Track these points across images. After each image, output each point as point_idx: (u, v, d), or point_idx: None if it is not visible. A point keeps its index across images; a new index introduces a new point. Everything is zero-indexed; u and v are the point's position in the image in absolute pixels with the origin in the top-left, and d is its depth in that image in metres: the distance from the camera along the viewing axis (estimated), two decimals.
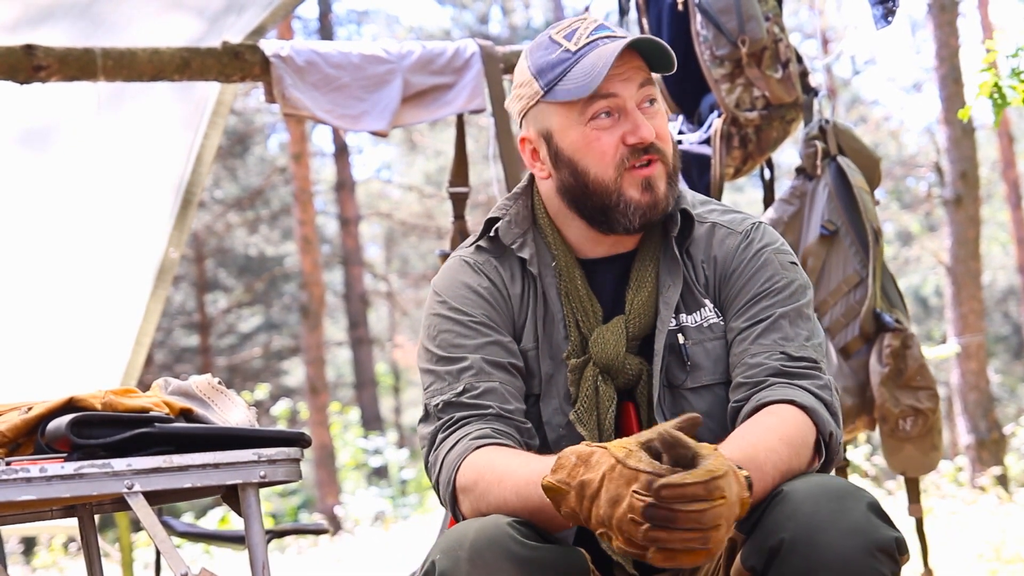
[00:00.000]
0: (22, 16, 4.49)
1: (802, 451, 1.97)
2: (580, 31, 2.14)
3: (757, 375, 2.07)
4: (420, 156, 23.92)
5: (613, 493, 1.73)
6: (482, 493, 1.97)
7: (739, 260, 2.17)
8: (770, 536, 1.84)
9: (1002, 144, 18.15)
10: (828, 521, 1.81)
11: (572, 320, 2.16)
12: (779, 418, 1.99)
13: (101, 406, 2.11)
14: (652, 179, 2.12)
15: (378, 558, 10.93)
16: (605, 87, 2.09)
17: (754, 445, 1.90)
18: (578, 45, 2.12)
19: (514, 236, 2.20)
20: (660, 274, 2.17)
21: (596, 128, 2.12)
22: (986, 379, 11.44)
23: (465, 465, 2.01)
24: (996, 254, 22.52)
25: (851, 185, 3.82)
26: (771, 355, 2.08)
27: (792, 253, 2.21)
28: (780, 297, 2.13)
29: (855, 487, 1.87)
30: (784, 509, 1.85)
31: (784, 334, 2.10)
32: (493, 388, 2.08)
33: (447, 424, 2.08)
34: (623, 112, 2.11)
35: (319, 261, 17.80)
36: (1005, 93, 3.49)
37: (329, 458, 16.80)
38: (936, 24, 11.46)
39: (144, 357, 5.46)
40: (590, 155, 2.13)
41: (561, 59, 2.13)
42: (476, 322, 2.14)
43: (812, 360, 2.09)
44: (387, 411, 23.86)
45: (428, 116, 4.49)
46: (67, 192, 5.14)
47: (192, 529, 5.19)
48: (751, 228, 2.20)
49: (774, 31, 3.81)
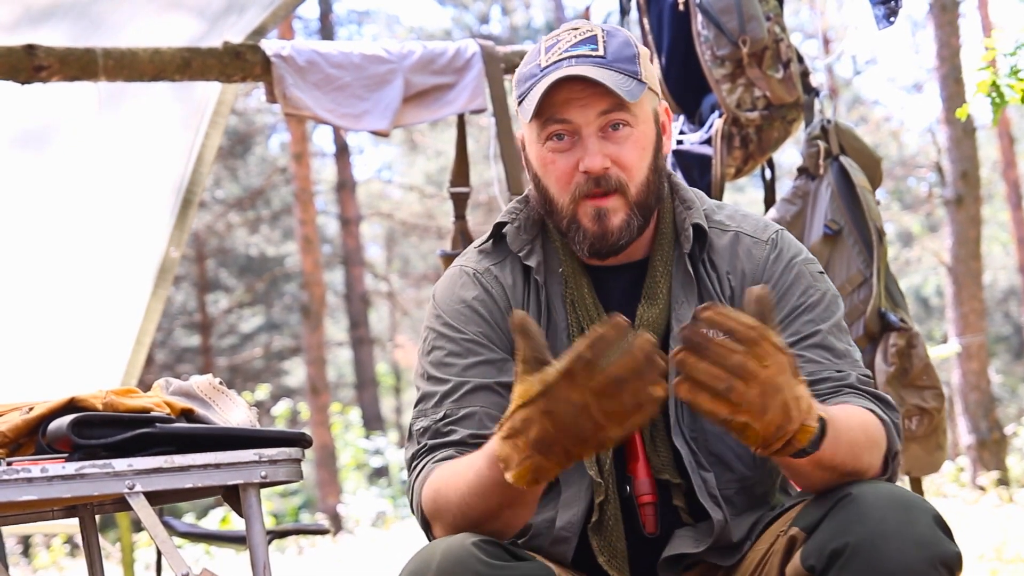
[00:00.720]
0: (23, 16, 4.49)
1: (875, 452, 1.95)
2: (559, 45, 2.08)
3: (826, 388, 2.02)
4: (421, 156, 23.92)
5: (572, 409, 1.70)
6: (445, 504, 1.95)
7: (770, 273, 2.12)
8: (835, 538, 1.82)
9: (1003, 144, 18.15)
10: (895, 530, 1.80)
11: (577, 330, 2.11)
12: (860, 413, 1.96)
13: (102, 406, 2.11)
14: (604, 210, 2.05)
15: (378, 558, 10.93)
16: (558, 111, 2.04)
17: (837, 416, 1.87)
18: (548, 61, 2.07)
19: (522, 243, 2.15)
20: (673, 289, 2.12)
21: (552, 150, 2.07)
22: (987, 379, 11.45)
23: (426, 488, 2.00)
24: (997, 254, 22.52)
25: (854, 184, 3.82)
26: (831, 371, 2.04)
27: (818, 262, 2.16)
28: (818, 312, 2.08)
29: (921, 499, 1.86)
30: (852, 513, 1.82)
31: (835, 351, 2.06)
32: (472, 413, 2.04)
33: (421, 451, 2.06)
34: (580, 136, 2.05)
35: (320, 261, 17.81)
36: (1003, 92, 3.48)
37: (330, 458, 16.81)
38: (937, 24, 11.46)
39: (145, 357, 5.46)
40: (548, 176, 2.09)
41: (531, 74, 2.08)
42: (468, 340, 2.09)
43: (870, 376, 2.07)
44: (388, 411, 23.87)
45: (429, 116, 4.49)
46: (68, 192, 5.14)
47: (193, 529, 5.20)
48: (776, 236, 2.15)
49: (775, 31, 3.81)
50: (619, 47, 2.08)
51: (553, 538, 2.07)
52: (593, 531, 2.07)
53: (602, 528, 2.07)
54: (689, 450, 2.07)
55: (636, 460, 2.08)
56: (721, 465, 2.08)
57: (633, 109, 2.06)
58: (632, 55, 2.08)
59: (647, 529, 2.07)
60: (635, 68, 2.07)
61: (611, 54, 2.07)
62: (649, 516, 2.07)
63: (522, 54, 4.55)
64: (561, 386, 1.71)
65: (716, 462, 2.08)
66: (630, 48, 2.09)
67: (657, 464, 2.08)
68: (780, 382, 1.73)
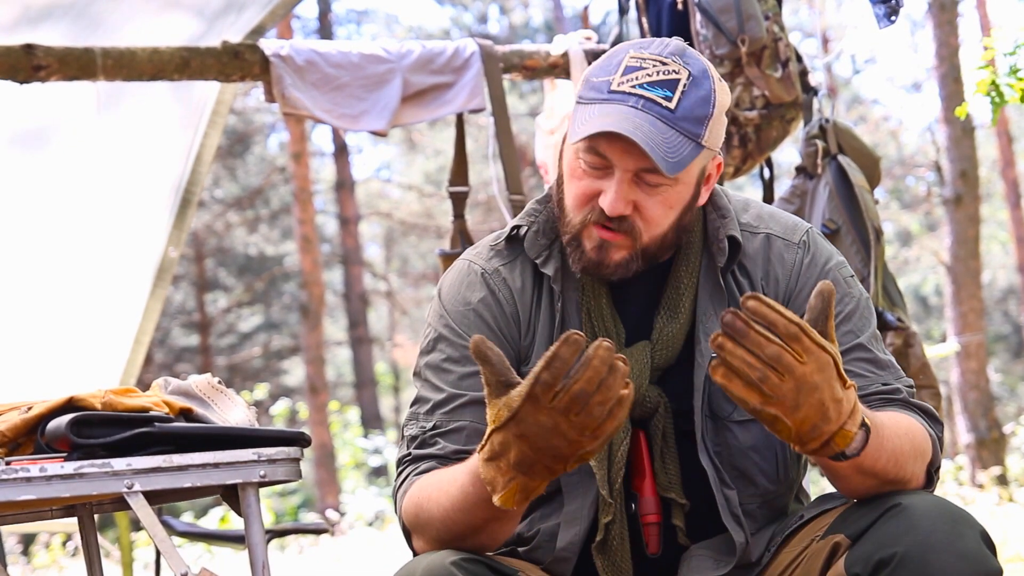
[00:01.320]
0: (22, 16, 4.48)
1: (919, 463, 1.93)
2: (639, 73, 1.97)
3: (876, 400, 1.99)
4: (420, 155, 23.93)
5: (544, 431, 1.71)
6: (428, 520, 1.94)
7: (804, 280, 2.07)
8: (883, 547, 1.80)
9: (1001, 143, 18.15)
10: (943, 543, 1.78)
11: (592, 340, 2.03)
12: (909, 424, 1.94)
13: (101, 406, 2.11)
14: (608, 243, 1.99)
15: (378, 558, 10.92)
16: (602, 146, 1.96)
17: (884, 424, 1.86)
18: (619, 87, 1.96)
19: (540, 248, 2.08)
20: (700, 300, 2.06)
21: (585, 165, 1.99)
22: (986, 378, 11.45)
23: (407, 500, 1.99)
24: (996, 253, 22.52)
25: (852, 184, 3.82)
26: (877, 384, 2.01)
27: (847, 264, 2.12)
28: (855, 321, 2.05)
29: (968, 513, 1.85)
30: (902, 522, 1.81)
31: (879, 362, 2.03)
32: (460, 428, 2.02)
33: (406, 458, 2.05)
34: (612, 173, 1.97)
35: (319, 260, 17.81)
36: (1003, 91, 3.48)
37: (329, 457, 16.81)
38: (936, 23, 11.47)
39: (143, 356, 5.46)
40: (569, 186, 2.03)
41: (599, 88, 1.98)
42: (468, 347, 2.04)
43: (913, 386, 2.05)
44: (387, 410, 23.86)
45: (427, 115, 4.49)
46: (66, 191, 5.13)
47: (192, 529, 5.20)
48: (807, 239, 2.10)
49: (774, 30, 3.81)
50: (695, 104, 1.97)
51: (554, 557, 2.05)
52: (597, 550, 2.04)
53: (607, 548, 2.04)
54: (713, 467, 2.04)
55: (643, 477, 2.05)
56: (744, 480, 2.05)
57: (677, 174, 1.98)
58: (704, 115, 1.98)
59: (649, 549, 2.04)
60: (699, 131, 1.98)
61: (682, 110, 1.96)
62: (653, 536, 2.04)
63: (521, 53, 4.55)
64: (527, 410, 1.71)
65: (739, 477, 2.05)
66: (706, 106, 1.98)
67: (664, 482, 2.05)
68: (817, 380, 1.72)
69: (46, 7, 4.49)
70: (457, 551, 1.87)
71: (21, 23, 4.47)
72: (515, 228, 2.12)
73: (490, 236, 2.18)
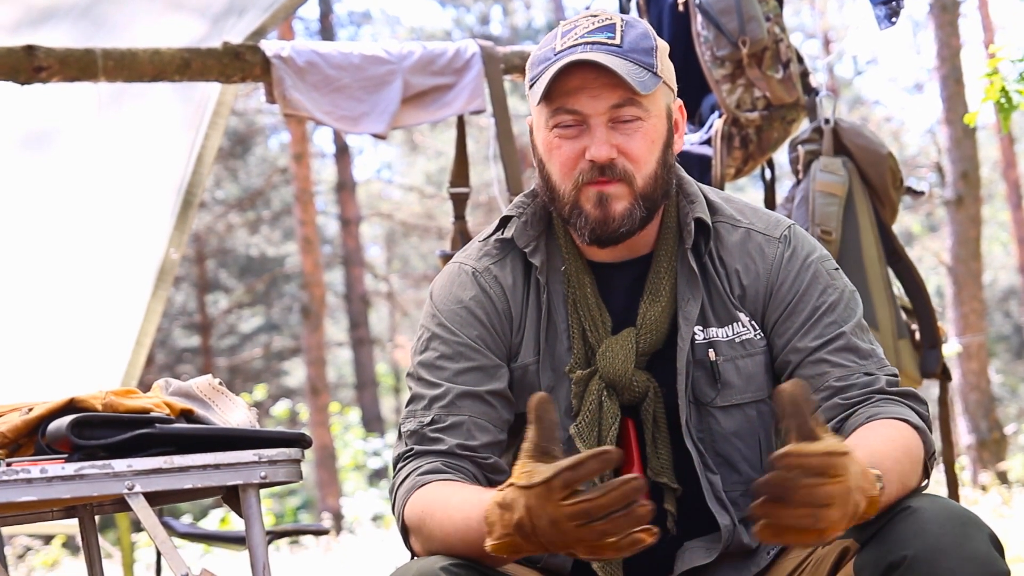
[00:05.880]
0: (23, 17, 4.48)
1: (917, 467, 1.93)
2: (576, 30, 2.04)
3: (856, 395, 2.00)
4: (421, 157, 23.93)
5: (546, 518, 1.70)
6: (428, 535, 1.95)
7: (785, 273, 2.08)
8: (893, 551, 1.81)
9: (1003, 144, 18.15)
10: (952, 545, 1.79)
11: (578, 330, 2.08)
12: (897, 432, 1.93)
13: (102, 407, 2.11)
14: (606, 195, 2.02)
15: (378, 558, 10.92)
16: (568, 101, 2.01)
17: (880, 452, 1.85)
18: (563, 46, 2.02)
19: (528, 239, 2.11)
20: (678, 286, 2.08)
21: (559, 136, 2.03)
22: (987, 379, 11.45)
23: (411, 503, 1.98)
24: (997, 254, 22.53)
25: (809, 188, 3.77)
26: (858, 374, 2.01)
27: (831, 257, 2.13)
28: (839, 312, 2.05)
29: (977, 516, 1.85)
30: (911, 526, 1.81)
31: (860, 352, 2.03)
32: (460, 422, 2.03)
33: (406, 454, 2.05)
34: (588, 125, 2.01)
35: (320, 262, 17.81)
36: (1012, 97, 3.47)
37: (330, 459, 16.81)
38: (937, 24, 11.47)
39: (145, 358, 5.46)
40: (552, 162, 2.05)
41: (544, 57, 2.04)
42: (461, 344, 2.07)
43: (897, 375, 2.04)
44: (388, 412, 23.86)
45: (428, 117, 4.49)
46: (68, 193, 5.14)
47: (193, 530, 5.20)
48: (789, 233, 2.12)
49: (775, 31, 3.80)
50: (637, 37, 2.04)
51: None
52: None
53: None
54: (697, 452, 2.05)
55: (631, 464, 2.06)
56: (727, 467, 2.07)
57: (645, 103, 2.03)
58: (650, 47, 2.04)
59: None
60: (651, 60, 2.03)
61: (628, 44, 2.03)
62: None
63: (522, 55, 4.55)
64: (540, 493, 1.70)
65: (723, 463, 2.06)
66: (648, 40, 2.05)
67: (656, 466, 2.06)
68: (852, 485, 1.70)
69: (48, 8, 4.49)
70: (449, 556, 1.88)
71: (23, 24, 4.47)
72: (504, 219, 2.15)
73: (478, 236, 2.20)
